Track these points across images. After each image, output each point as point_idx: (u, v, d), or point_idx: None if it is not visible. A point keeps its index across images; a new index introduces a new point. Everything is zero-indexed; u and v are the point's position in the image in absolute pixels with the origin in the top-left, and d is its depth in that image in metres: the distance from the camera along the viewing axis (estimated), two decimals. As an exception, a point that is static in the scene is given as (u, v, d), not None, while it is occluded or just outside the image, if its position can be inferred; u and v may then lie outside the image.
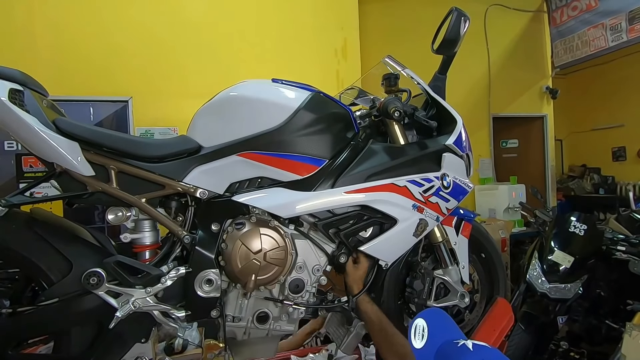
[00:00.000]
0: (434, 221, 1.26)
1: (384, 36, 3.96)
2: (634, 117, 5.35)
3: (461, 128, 1.32)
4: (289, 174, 1.14)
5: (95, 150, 1.06)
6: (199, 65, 2.99)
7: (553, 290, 2.13)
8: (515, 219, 3.81)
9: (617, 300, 2.18)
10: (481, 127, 4.42)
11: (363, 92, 1.58)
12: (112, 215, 1.13)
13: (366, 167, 1.19)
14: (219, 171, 1.14)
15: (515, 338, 2.11)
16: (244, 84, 1.22)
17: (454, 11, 1.22)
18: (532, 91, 4.70)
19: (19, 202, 1.05)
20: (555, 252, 2.21)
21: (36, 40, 2.64)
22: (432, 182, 1.23)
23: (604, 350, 2.09)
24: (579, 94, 5.96)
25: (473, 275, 1.54)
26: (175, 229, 1.13)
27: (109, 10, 2.81)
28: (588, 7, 4.18)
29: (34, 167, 2.57)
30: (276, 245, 1.14)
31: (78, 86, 2.71)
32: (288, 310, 1.21)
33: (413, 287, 1.38)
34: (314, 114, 1.16)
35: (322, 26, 3.37)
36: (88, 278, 1.02)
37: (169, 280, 1.09)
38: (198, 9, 3.04)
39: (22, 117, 0.96)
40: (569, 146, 6.29)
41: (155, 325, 1.16)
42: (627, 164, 5.55)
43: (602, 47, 4.10)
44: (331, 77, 3.36)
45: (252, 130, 1.13)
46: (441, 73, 1.37)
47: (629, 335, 1.64)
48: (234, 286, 1.17)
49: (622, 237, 2.28)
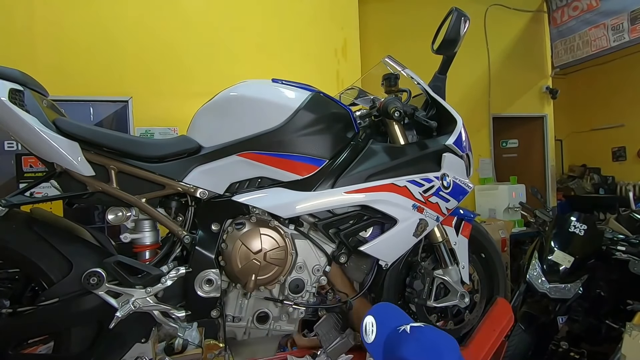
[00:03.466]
0: (434, 221, 1.26)
1: (384, 36, 3.96)
2: (634, 117, 5.34)
3: (461, 128, 1.32)
4: (289, 174, 1.14)
5: (95, 150, 1.06)
6: (199, 65, 2.99)
7: (553, 290, 2.13)
8: (515, 219, 3.80)
9: (617, 300, 2.18)
10: (481, 127, 4.41)
11: (363, 92, 1.58)
12: (112, 215, 1.13)
13: (366, 167, 1.19)
14: (219, 171, 1.14)
15: (515, 338, 2.11)
16: (244, 84, 1.22)
17: (454, 11, 1.22)
18: (532, 91, 4.69)
19: (19, 202, 1.05)
20: (555, 252, 2.21)
21: (36, 40, 2.64)
22: (432, 182, 1.23)
23: (604, 350, 2.09)
24: (579, 94, 5.95)
25: (473, 275, 1.54)
26: (175, 229, 1.13)
27: (109, 11, 2.80)
28: (589, 7, 4.18)
29: (34, 167, 2.57)
30: (276, 245, 1.14)
31: (78, 86, 2.71)
32: (288, 310, 1.21)
33: (413, 287, 1.38)
34: (314, 114, 1.16)
35: (322, 26, 3.36)
36: (88, 278, 1.02)
37: (169, 280, 1.09)
38: (198, 9, 3.04)
39: (22, 117, 0.96)
40: (569, 146, 6.28)
41: (155, 325, 1.16)
42: (627, 164, 5.54)
43: (604, 47, 4.10)
44: (331, 77, 3.36)
45: (252, 130, 1.13)
46: (441, 73, 1.37)
47: (629, 335, 1.64)
48: (234, 286, 1.17)
49: (622, 237, 2.28)
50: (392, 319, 0.96)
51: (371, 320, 0.94)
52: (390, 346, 0.87)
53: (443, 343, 0.85)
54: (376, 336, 0.90)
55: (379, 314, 0.96)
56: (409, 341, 0.85)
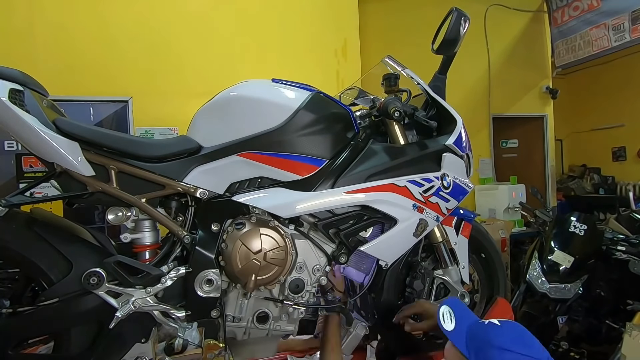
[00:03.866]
0: (434, 221, 1.26)
1: (384, 36, 3.96)
2: (634, 117, 5.35)
3: (461, 128, 1.32)
4: (289, 174, 1.14)
5: (95, 150, 1.06)
6: (199, 65, 2.99)
7: (553, 291, 2.13)
8: (515, 219, 3.81)
9: (617, 300, 2.18)
10: (481, 127, 4.42)
11: (363, 92, 1.58)
12: (112, 215, 1.13)
13: (366, 167, 1.19)
14: (219, 171, 1.14)
15: (515, 338, 2.11)
16: (244, 84, 1.22)
17: (454, 11, 1.22)
18: (532, 91, 4.70)
19: (19, 202, 1.05)
20: (555, 252, 2.21)
21: (36, 40, 2.64)
22: (432, 182, 1.23)
23: (604, 350, 2.09)
24: (579, 94, 5.96)
25: (473, 275, 1.54)
26: (175, 229, 1.13)
27: (109, 11, 2.81)
28: (590, 7, 4.18)
29: (34, 167, 2.57)
30: (276, 245, 1.14)
31: (78, 86, 2.71)
32: (288, 310, 1.21)
33: (413, 287, 1.38)
34: (314, 114, 1.16)
35: (322, 26, 3.37)
36: (88, 278, 1.02)
37: (169, 280, 1.09)
38: (198, 9, 3.04)
39: (22, 117, 0.96)
40: (569, 146, 6.29)
41: (155, 325, 1.16)
42: (627, 164, 5.55)
43: (605, 47, 4.10)
44: (331, 77, 3.36)
45: (252, 130, 1.13)
46: (441, 73, 1.37)
47: (629, 335, 1.64)
48: (234, 286, 1.17)
49: (622, 237, 2.28)
50: (466, 311, 1.02)
51: (448, 309, 0.99)
52: (478, 335, 0.91)
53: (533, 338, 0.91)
54: (456, 325, 0.95)
55: (453, 305, 1.01)
56: (504, 332, 0.90)
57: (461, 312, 1.00)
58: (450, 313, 0.99)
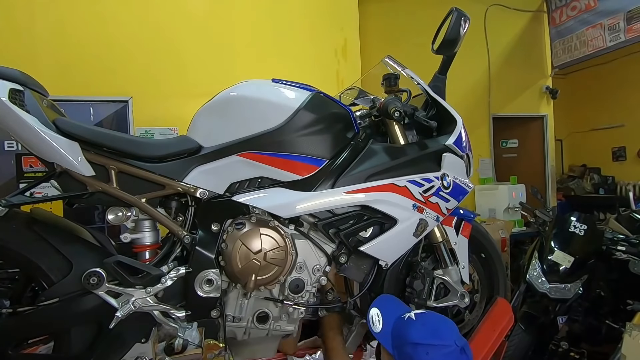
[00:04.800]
0: (434, 221, 1.26)
1: (384, 36, 3.96)
2: (634, 117, 5.34)
3: (461, 128, 1.32)
4: (289, 174, 1.14)
5: (95, 150, 1.06)
6: (199, 65, 2.99)
7: (553, 290, 2.13)
8: (515, 219, 3.81)
9: (617, 300, 2.18)
10: (481, 127, 4.41)
11: (363, 92, 1.58)
12: (112, 215, 1.13)
13: (366, 167, 1.19)
14: (219, 171, 1.14)
15: (515, 338, 2.11)
16: (244, 84, 1.22)
17: (454, 11, 1.22)
18: (532, 91, 4.69)
19: (19, 202, 1.05)
20: (555, 252, 2.21)
21: (36, 40, 2.64)
22: (432, 182, 1.23)
23: (604, 350, 2.09)
24: (579, 94, 5.95)
25: (473, 275, 1.54)
26: (175, 229, 1.13)
27: (109, 10, 2.80)
28: (587, 7, 4.18)
29: (34, 167, 2.57)
30: (276, 245, 1.14)
31: (78, 86, 2.70)
32: (288, 310, 1.21)
33: (413, 287, 1.38)
34: (314, 114, 1.16)
35: (322, 26, 3.36)
36: (88, 278, 1.02)
37: (169, 280, 1.09)
38: (198, 9, 3.04)
39: (22, 117, 0.96)
40: (569, 146, 6.28)
41: (155, 325, 1.16)
42: (627, 164, 5.54)
43: (600, 47, 4.10)
44: (331, 77, 3.36)
45: (252, 130, 1.13)
46: (441, 73, 1.37)
47: (629, 335, 1.64)
48: (234, 286, 1.17)
49: (622, 237, 2.28)
50: (395, 309, 1.03)
51: (376, 311, 1.01)
52: (398, 333, 0.93)
53: (444, 325, 0.95)
54: (383, 326, 0.97)
55: (382, 305, 1.03)
56: (416, 326, 0.93)
57: (388, 311, 1.01)
58: (378, 315, 1.00)
